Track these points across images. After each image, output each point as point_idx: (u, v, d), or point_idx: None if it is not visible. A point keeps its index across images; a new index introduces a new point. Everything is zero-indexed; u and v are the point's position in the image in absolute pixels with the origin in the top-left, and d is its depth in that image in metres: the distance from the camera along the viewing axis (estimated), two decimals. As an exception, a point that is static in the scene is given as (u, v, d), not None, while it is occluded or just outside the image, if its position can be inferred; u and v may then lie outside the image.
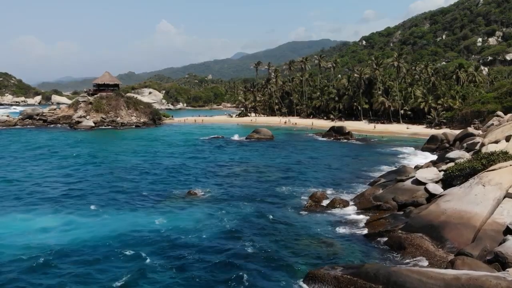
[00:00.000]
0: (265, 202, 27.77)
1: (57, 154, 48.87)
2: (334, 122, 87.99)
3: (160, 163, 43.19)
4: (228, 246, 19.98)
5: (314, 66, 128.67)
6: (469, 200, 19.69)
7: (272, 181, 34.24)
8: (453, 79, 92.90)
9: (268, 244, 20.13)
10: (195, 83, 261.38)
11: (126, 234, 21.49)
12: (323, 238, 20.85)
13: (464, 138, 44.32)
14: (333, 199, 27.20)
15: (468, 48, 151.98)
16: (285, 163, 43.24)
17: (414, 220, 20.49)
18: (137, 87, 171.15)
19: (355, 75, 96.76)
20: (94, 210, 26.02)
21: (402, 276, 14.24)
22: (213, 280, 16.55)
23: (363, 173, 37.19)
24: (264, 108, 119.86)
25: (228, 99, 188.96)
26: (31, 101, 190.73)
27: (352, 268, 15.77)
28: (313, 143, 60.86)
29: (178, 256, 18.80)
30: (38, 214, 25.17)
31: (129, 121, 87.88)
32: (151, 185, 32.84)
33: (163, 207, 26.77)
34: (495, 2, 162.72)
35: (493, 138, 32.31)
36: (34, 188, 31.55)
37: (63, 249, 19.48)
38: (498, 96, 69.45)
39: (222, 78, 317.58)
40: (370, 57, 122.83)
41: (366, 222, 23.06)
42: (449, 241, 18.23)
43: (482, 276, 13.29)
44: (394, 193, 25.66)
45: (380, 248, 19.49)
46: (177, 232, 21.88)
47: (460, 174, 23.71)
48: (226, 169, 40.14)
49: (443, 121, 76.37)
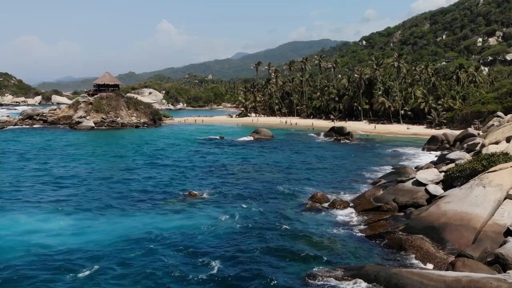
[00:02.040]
0: (265, 203, 27.76)
1: (57, 154, 48.86)
2: (334, 123, 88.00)
3: (160, 163, 43.19)
4: (228, 246, 19.97)
5: (314, 66, 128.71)
6: (469, 202, 19.67)
7: (272, 182, 34.23)
8: (453, 79, 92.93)
9: (268, 244, 20.12)
10: (196, 83, 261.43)
11: (127, 234, 21.48)
12: (323, 239, 20.84)
13: (464, 138, 44.33)
14: (334, 200, 27.20)
15: (468, 48, 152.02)
16: (285, 163, 43.24)
17: (415, 222, 20.48)
18: (137, 87, 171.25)
19: (355, 75, 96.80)
20: (94, 212, 25.94)
21: (403, 278, 14.25)
22: (213, 280, 16.55)
23: (363, 174, 37.19)
24: (264, 108, 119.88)
25: (228, 99, 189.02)
26: (31, 101, 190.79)
27: (353, 270, 15.79)
28: (314, 144, 60.85)
29: (175, 256, 18.83)
30: (38, 215, 25.15)
31: (129, 121, 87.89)
32: (151, 186, 32.81)
33: (163, 208, 26.73)
34: (495, 2, 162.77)
35: (493, 139, 32.34)
36: (34, 189, 31.56)
37: (61, 250, 19.51)
38: (498, 97, 69.46)
39: (222, 78, 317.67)
40: (370, 57, 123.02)
41: (367, 223, 23.05)
42: (450, 243, 18.21)
43: (483, 278, 13.29)
44: (394, 194, 25.64)
45: (380, 249, 19.48)
46: (177, 232, 21.88)
47: (461, 175, 23.70)
48: (227, 169, 40.14)
49: (444, 121, 76.38)
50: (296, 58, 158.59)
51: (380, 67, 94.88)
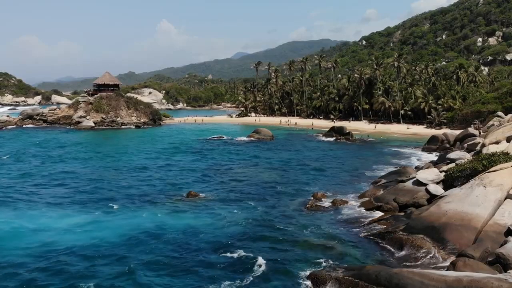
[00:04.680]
0: (265, 203, 27.73)
1: (56, 155, 48.85)
2: (334, 122, 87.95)
3: (160, 163, 43.16)
4: (228, 246, 19.95)
5: (314, 66, 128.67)
6: (470, 202, 19.66)
7: (272, 182, 34.20)
8: (453, 79, 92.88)
9: (269, 244, 20.12)
10: (195, 83, 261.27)
11: (127, 235, 21.50)
12: (324, 239, 20.83)
13: (464, 138, 44.25)
14: (334, 199, 27.19)
15: (468, 48, 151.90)
16: (285, 163, 43.21)
17: (415, 221, 20.47)
18: (137, 87, 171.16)
19: (355, 75, 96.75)
20: (94, 212, 25.97)
21: (403, 278, 14.22)
22: (213, 280, 16.53)
23: (363, 174, 37.17)
24: (264, 108, 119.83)
25: (228, 99, 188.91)
26: (31, 101, 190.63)
27: (354, 270, 15.77)
28: (314, 144, 60.81)
29: (172, 256, 18.84)
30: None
31: (129, 121, 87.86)
32: (151, 186, 32.81)
33: (164, 208, 26.72)
34: (495, 2, 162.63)
35: (493, 138, 32.33)
36: (35, 188, 31.59)
37: (59, 249, 19.58)
38: (498, 97, 69.43)
39: (222, 78, 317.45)
40: (370, 57, 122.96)
41: (367, 223, 23.03)
42: (450, 243, 18.21)
43: (484, 278, 13.27)
44: (395, 194, 25.65)
45: (381, 249, 19.46)
46: (177, 232, 21.88)
47: (461, 175, 23.70)
48: (227, 169, 40.12)
49: (444, 121, 76.35)
50: (296, 58, 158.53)
51: (380, 67, 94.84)
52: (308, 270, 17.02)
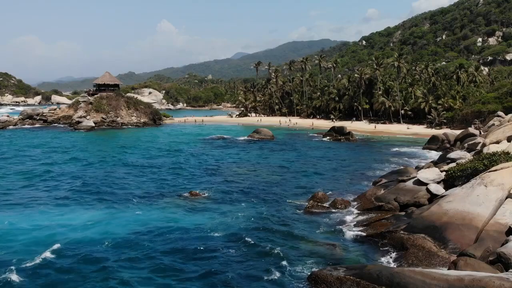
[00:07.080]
0: (266, 203, 27.73)
1: (57, 155, 48.81)
2: (334, 122, 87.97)
3: (160, 163, 43.14)
4: (229, 246, 19.94)
5: (314, 66, 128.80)
6: (471, 201, 19.65)
7: (272, 182, 34.20)
8: (454, 79, 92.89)
9: (270, 244, 20.08)
10: (195, 83, 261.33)
11: (128, 234, 21.48)
12: (324, 238, 20.83)
13: (465, 138, 44.23)
14: (335, 199, 27.16)
15: (468, 48, 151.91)
16: (285, 163, 43.19)
17: (416, 221, 20.45)
18: (137, 87, 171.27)
19: (356, 75, 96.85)
20: (94, 212, 25.95)
21: (405, 277, 14.21)
22: (214, 279, 16.53)
23: (364, 174, 37.16)
24: (264, 108, 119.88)
25: (228, 99, 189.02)
26: (31, 101, 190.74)
27: (355, 269, 15.74)
28: (314, 144, 60.82)
29: (171, 256, 18.85)
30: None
31: (129, 121, 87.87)
32: (152, 186, 32.78)
33: (164, 207, 26.69)
34: (495, 2, 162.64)
35: (494, 138, 32.33)
36: (35, 188, 31.57)
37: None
38: (498, 96, 69.50)
39: (222, 78, 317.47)
40: (371, 57, 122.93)
41: (368, 223, 22.99)
42: (452, 242, 18.19)
43: (486, 277, 13.27)
44: (395, 194, 25.62)
45: (382, 249, 19.43)
46: (177, 232, 21.86)
47: (462, 175, 23.67)
48: (227, 169, 40.11)
49: (444, 121, 76.40)
50: (296, 58, 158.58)
51: (380, 67, 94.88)
52: (309, 269, 17.02)
